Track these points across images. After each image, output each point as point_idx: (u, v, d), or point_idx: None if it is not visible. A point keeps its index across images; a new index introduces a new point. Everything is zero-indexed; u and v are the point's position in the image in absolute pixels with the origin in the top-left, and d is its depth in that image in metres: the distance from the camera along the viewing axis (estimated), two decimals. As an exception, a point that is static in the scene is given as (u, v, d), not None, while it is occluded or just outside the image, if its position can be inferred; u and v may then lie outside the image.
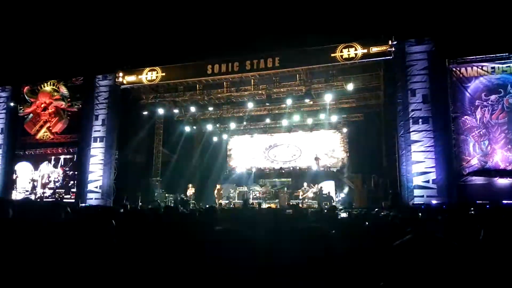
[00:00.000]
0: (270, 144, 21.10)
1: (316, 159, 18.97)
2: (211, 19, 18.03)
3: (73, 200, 15.82)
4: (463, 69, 12.88)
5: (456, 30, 13.61)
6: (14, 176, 17.61)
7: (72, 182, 16.71)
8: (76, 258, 2.26)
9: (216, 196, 17.74)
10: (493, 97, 12.52)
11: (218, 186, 18.19)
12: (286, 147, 20.80)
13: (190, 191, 17.77)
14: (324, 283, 1.67)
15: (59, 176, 17.13)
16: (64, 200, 16.09)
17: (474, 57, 12.84)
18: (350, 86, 14.81)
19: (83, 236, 2.57)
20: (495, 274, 1.70)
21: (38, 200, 16.21)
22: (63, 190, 16.84)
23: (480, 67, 12.72)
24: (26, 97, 17.78)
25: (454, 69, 12.92)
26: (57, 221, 3.28)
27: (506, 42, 12.66)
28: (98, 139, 15.90)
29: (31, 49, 18.50)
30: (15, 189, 17.40)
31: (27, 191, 17.23)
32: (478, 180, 12.31)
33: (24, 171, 17.65)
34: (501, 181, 12.12)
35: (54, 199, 16.19)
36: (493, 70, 12.61)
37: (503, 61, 12.58)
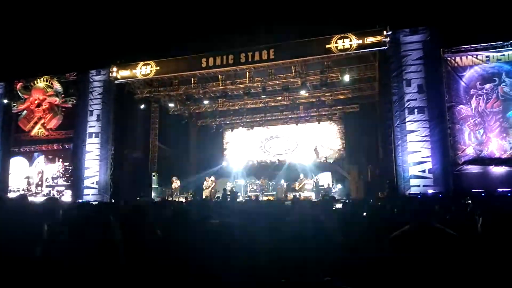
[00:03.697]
0: (267, 136, 21.09)
1: (316, 150, 19.00)
2: (205, 12, 17.88)
3: (70, 197, 15.79)
4: (457, 58, 12.89)
5: (451, 19, 13.58)
6: (9, 174, 17.50)
7: (68, 178, 16.65)
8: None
9: (204, 188, 16.98)
10: (487, 86, 12.56)
11: (207, 179, 17.31)
12: (282, 140, 20.80)
13: (175, 184, 17.41)
14: (322, 271, 1.68)
15: (55, 172, 17.06)
16: (61, 197, 16.03)
17: (469, 46, 12.85)
18: (346, 78, 14.80)
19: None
20: (494, 263, 1.71)
21: (34, 195, 16.15)
22: (59, 187, 16.78)
23: (475, 56, 12.74)
24: (19, 93, 17.62)
25: (449, 58, 12.93)
26: (54, 220, 3.25)
27: (500, 30, 12.67)
28: (94, 134, 15.83)
29: (23, 45, 18.29)
30: (9, 186, 17.29)
31: (18, 190, 17.06)
32: (474, 168, 12.40)
33: (19, 168, 17.55)
34: (496, 170, 12.21)
35: (50, 196, 16.13)
36: (487, 59, 12.63)
37: (497, 50, 12.60)
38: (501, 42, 12.56)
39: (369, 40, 12.97)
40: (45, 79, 17.27)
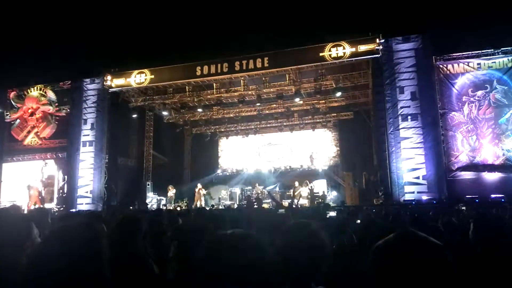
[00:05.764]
0: (261, 144, 21.09)
1: (311, 157, 19.04)
2: (200, 21, 17.98)
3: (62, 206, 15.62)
4: (449, 66, 13.04)
5: (442, 27, 13.77)
6: (1, 183, 17.30)
7: (61, 187, 16.48)
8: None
9: (196, 197, 16.63)
10: (479, 92, 12.69)
11: (199, 186, 16.89)
12: (277, 147, 20.82)
13: (171, 192, 17.28)
14: (315, 280, 1.68)
15: (48, 181, 16.89)
16: (55, 206, 15.86)
17: (460, 53, 13.02)
18: (338, 94, 15.04)
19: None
20: (484, 271, 1.71)
21: (27, 206, 15.95)
22: (52, 195, 16.60)
23: (467, 63, 12.89)
24: (12, 102, 17.52)
25: (441, 65, 13.08)
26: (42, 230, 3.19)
27: (491, 38, 12.86)
28: (88, 143, 15.74)
29: (16, 53, 18.24)
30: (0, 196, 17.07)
31: (12, 201, 16.84)
32: (467, 175, 12.48)
33: (11, 178, 17.36)
34: (489, 176, 12.29)
35: (37, 207, 15.90)
36: (479, 66, 12.79)
37: (488, 57, 12.77)
38: (492, 50, 12.74)
39: (362, 48, 13.09)
40: (38, 88, 17.21)
